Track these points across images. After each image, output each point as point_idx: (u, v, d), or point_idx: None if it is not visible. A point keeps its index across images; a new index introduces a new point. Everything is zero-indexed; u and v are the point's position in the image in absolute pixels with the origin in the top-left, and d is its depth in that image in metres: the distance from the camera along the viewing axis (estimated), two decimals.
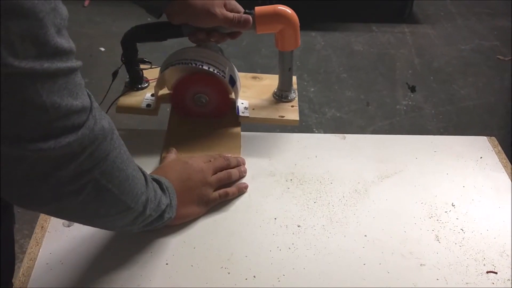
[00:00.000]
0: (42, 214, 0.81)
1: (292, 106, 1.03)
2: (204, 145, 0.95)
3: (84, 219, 0.65)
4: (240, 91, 1.01)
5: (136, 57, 0.99)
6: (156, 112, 0.99)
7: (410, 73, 2.78)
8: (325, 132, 2.30)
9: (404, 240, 0.80)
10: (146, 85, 1.04)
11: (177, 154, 0.91)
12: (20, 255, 1.70)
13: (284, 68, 1.00)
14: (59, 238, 0.78)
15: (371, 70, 2.79)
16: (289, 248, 0.78)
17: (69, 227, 0.79)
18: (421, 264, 0.76)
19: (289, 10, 0.91)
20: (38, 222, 0.80)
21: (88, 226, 0.75)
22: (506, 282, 0.74)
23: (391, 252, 0.78)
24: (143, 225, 0.70)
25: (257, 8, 0.90)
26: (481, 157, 0.97)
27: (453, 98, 2.60)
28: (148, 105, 0.99)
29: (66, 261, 0.75)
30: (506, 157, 0.97)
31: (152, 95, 1.01)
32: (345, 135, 1.01)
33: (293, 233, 0.80)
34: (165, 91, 1.01)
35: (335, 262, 0.76)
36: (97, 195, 0.58)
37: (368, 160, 0.95)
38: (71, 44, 0.50)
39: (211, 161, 0.86)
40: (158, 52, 1.37)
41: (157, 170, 0.84)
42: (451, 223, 0.83)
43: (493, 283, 0.74)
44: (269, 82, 1.08)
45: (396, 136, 1.03)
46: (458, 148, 0.99)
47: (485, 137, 1.02)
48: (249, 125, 1.00)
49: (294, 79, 1.05)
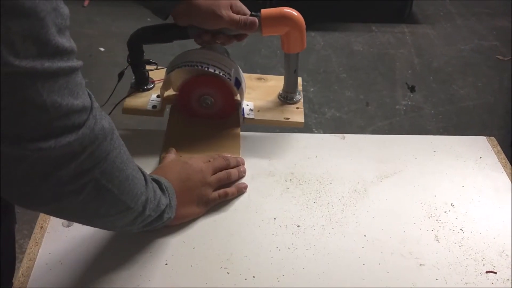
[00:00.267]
0: (41, 214, 0.81)
1: (297, 108, 1.03)
2: (203, 145, 0.95)
3: (84, 219, 0.65)
4: (245, 92, 1.01)
5: (142, 58, 0.99)
6: (162, 113, 1.00)
7: (409, 73, 2.78)
8: (324, 132, 2.30)
9: (404, 240, 0.80)
10: (152, 86, 1.04)
11: (176, 154, 0.91)
12: (20, 255, 1.69)
13: (289, 70, 1.00)
14: (59, 239, 0.78)
15: (370, 70, 2.80)
16: (289, 248, 0.78)
17: (68, 227, 0.79)
18: (420, 264, 0.76)
19: (295, 13, 0.91)
20: (37, 222, 0.80)
21: (88, 226, 0.76)
22: (506, 282, 0.74)
23: (390, 252, 0.78)
24: (142, 225, 0.70)
25: (263, 11, 0.90)
26: (480, 157, 0.97)
27: (453, 98, 2.60)
28: (154, 106, 1.00)
29: (66, 261, 0.75)
30: (505, 157, 0.97)
31: (157, 97, 1.01)
32: (344, 135, 1.01)
33: (292, 233, 0.80)
34: (170, 92, 1.01)
35: (334, 262, 0.76)
36: (97, 195, 0.58)
37: (367, 160, 0.95)
38: (72, 44, 0.50)
39: (210, 161, 0.86)
40: (160, 52, 1.37)
41: (157, 170, 0.84)
42: (451, 223, 0.83)
43: (493, 283, 0.74)
44: (274, 84, 1.08)
45: (396, 136, 1.03)
46: (458, 148, 0.99)
47: (485, 137, 1.02)
48: (250, 125, 1.00)
49: (299, 81, 1.05)
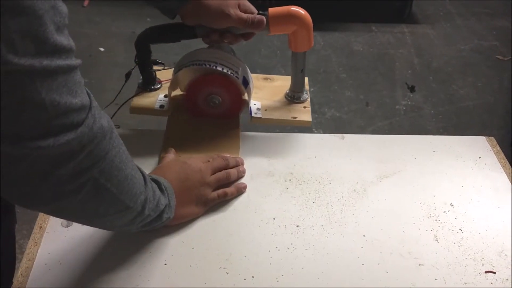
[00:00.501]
0: (41, 214, 0.81)
1: (305, 107, 1.03)
2: (203, 146, 0.95)
3: (84, 218, 0.65)
4: (253, 92, 1.01)
5: (150, 58, 0.99)
6: (169, 112, 1.00)
7: (409, 73, 2.78)
8: (324, 132, 2.30)
9: (403, 240, 0.80)
10: (159, 86, 1.04)
11: (175, 154, 0.91)
12: (19, 255, 1.69)
13: (297, 69, 1.00)
14: (58, 239, 0.78)
15: (370, 70, 2.80)
16: (288, 248, 0.78)
17: (67, 227, 0.79)
18: (419, 264, 0.76)
19: (302, 11, 0.92)
20: (36, 223, 0.80)
21: (87, 226, 0.76)
22: (505, 282, 0.74)
23: (389, 252, 0.78)
24: (141, 225, 0.70)
25: (270, 9, 0.91)
26: (480, 157, 0.97)
27: (453, 98, 2.60)
28: (162, 106, 1.00)
29: (65, 261, 0.75)
30: (504, 157, 0.97)
31: (165, 96, 1.02)
32: (344, 135, 1.01)
33: (291, 233, 0.80)
34: (178, 92, 1.01)
35: (333, 262, 0.76)
36: (96, 194, 0.58)
37: (367, 160, 0.95)
38: (71, 42, 0.50)
39: (209, 161, 0.86)
40: (162, 52, 1.37)
41: (156, 170, 0.84)
42: (450, 223, 0.83)
43: (492, 283, 0.74)
44: (281, 83, 1.08)
45: (395, 136, 1.03)
46: (457, 148, 0.99)
47: (484, 137, 1.02)
48: (249, 125, 1.00)
49: (306, 80, 1.05)
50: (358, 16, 3.31)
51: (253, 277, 0.74)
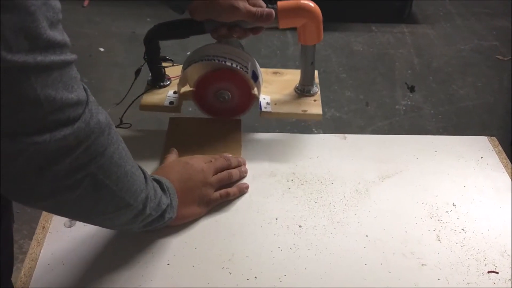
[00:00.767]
0: (43, 214, 0.81)
1: (315, 100, 1.02)
2: (204, 146, 0.95)
3: (83, 215, 0.65)
4: (262, 86, 1.01)
5: (159, 55, 0.99)
6: (179, 109, 1.00)
7: (409, 73, 2.78)
8: (324, 132, 2.30)
9: (405, 240, 0.80)
10: (168, 83, 1.04)
11: (177, 154, 0.91)
12: (20, 255, 1.70)
13: (306, 62, 0.99)
14: (61, 239, 0.78)
15: (370, 70, 2.80)
16: (290, 249, 0.78)
17: (70, 227, 0.79)
18: (422, 264, 0.76)
19: (312, 4, 0.91)
20: (39, 223, 0.80)
21: (89, 226, 0.76)
22: (507, 282, 0.74)
23: (392, 252, 0.78)
24: (143, 224, 0.70)
25: (279, 3, 0.90)
26: (481, 157, 0.97)
27: (453, 98, 2.61)
28: (171, 103, 1.00)
29: (68, 261, 0.75)
30: (506, 157, 0.97)
31: (174, 93, 1.01)
32: (345, 135, 1.01)
33: (294, 233, 0.80)
34: (187, 88, 1.00)
35: (336, 262, 0.76)
36: (95, 190, 0.58)
37: (369, 160, 0.95)
38: (65, 37, 0.50)
39: (212, 161, 0.86)
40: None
41: (158, 170, 0.84)
42: (452, 223, 0.83)
43: (494, 283, 0.74)
44: (291, 77, 1.07)
45: (397, 136, 1.03)
46: (459, 148, 0.99)
47: (486, 137, 1.02)
48: (250, 125, 1.00)
49: (316, 74, 1.05)
50: (358, 16, 3.31)
51: (255, 277, 0.74)
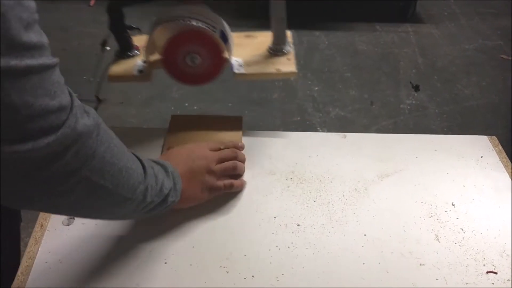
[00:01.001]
0: (41, 212, 0.81)
1: (288, 59, 0.98)
2: None
3: (81, 213, 0.65)
4: (234, 49, 0.96)
5: (124, 23, 0.95)
6: (149, 77, 0.94)
7: (414, 72, 2.77)
8: (329, 131, 2.30)
9: (404, 240, 0.80)
10: (137, 52, 0.99)
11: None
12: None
13: (276, 20, 0.95)
14: (59, 237, 0.78)
15: (375, 70, 2.79)
16: (288, 247, 0.78)
17: (68, 226, 0.79)
18: (420, 264, 0.76)
19: None
20: (37, 221, 0.80)
21: (86, 223, 0.76)
22: (506, 283, 0.74)
23: (390, 251, 0.78)
24: (145, 211, 0.69)
25: None
26: (481, 157, 0.96)
27: (457, 97, 2.60)
28: (140, 71, 0.95)
29: (65, 260, 0.75)
30: (506, 157, 0.96)
31: (144, 62, 0.96)
32: (345, 134, 1.01)
33: (292, 232, 0.80)
34: (157, 56, 0.95)
35: (334, 262, 0.76)
36: (91, 192, 0.57)
37: (368, 159, 0.95)
38: (43, 39, 0.47)
39: (219, 150, 0.86)
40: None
41: (162, 155, 0.84)
42: (451, 222, 0.83)
43: (493, 283, 0.74)
44: (264, 39, 1.03)
45: (397, 135, 1.03)
46: (459, 147, 0.98)
47: (486, 137, 1.01)
48: (251, 125, 1.00)
49: (289, 34, 1.01)
50: (362, 15, 3.31)
51: (253, 276, 0.74)
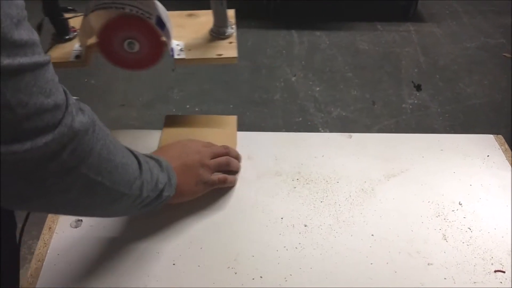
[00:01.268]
0: (49, 215, 0.81)
1: (231, 42, 0.95)
2: None
3: (79, 211, 0.64)
4: (174, 31, 0.93)
5: (58, 5, 0.91)
6: (86, 62, 0.91)
7: (415, 71, 2.77)
8: (331, 131, 2.30)
9: (411, 240, 0.80)
10: (75, 35, 0.95)
11: None
12: (29, 256, 1.71)
13: (215, 0, 0.91)
14: (67, 239, 0.78)
15: (376, 69, 2.79)
16: (296, 248, 0.78)
17: (76, 228, 0.79)
18: (428, 264, 0.76)
19: None
20: (45, 223, 0.80)
21: (94, 226, 0.76)
22: None
23: (398, 251, 0.78)
24: (141, 206, 0.69)
25: None
26: (488, 156, 0.96)
27: (459, 96, 2.59)
28: (78, 57, 0.91)
29: (74, 262, 0.75)
30: None
31: (80, 46, 0.93)
32: (351, 134, 1.01)
33: (299, 233, 0.80)
34: (94, 40, 0.92)
35: (342, 262, 0.76)
36: (89, 190, 0.57)
37: (374, 159, 0.95)
38: (34, 36, 0.46)
39: (210, 147, 0.87)
40: None
41: (156, 151, 0.84)
42: (459, 222, 0.83)
43: (501, 282, 0.74)
44: (206, 19, 0.99)
45: (402, 135, 1.03)
46: (465, 146, 0.98)
47: (492, 135, 1.01)
48: (253, 126, 1.00)
49: (231, 13, 0.98)
50: (363, 15, 3.31)
51: (261, 277, 0.74)
